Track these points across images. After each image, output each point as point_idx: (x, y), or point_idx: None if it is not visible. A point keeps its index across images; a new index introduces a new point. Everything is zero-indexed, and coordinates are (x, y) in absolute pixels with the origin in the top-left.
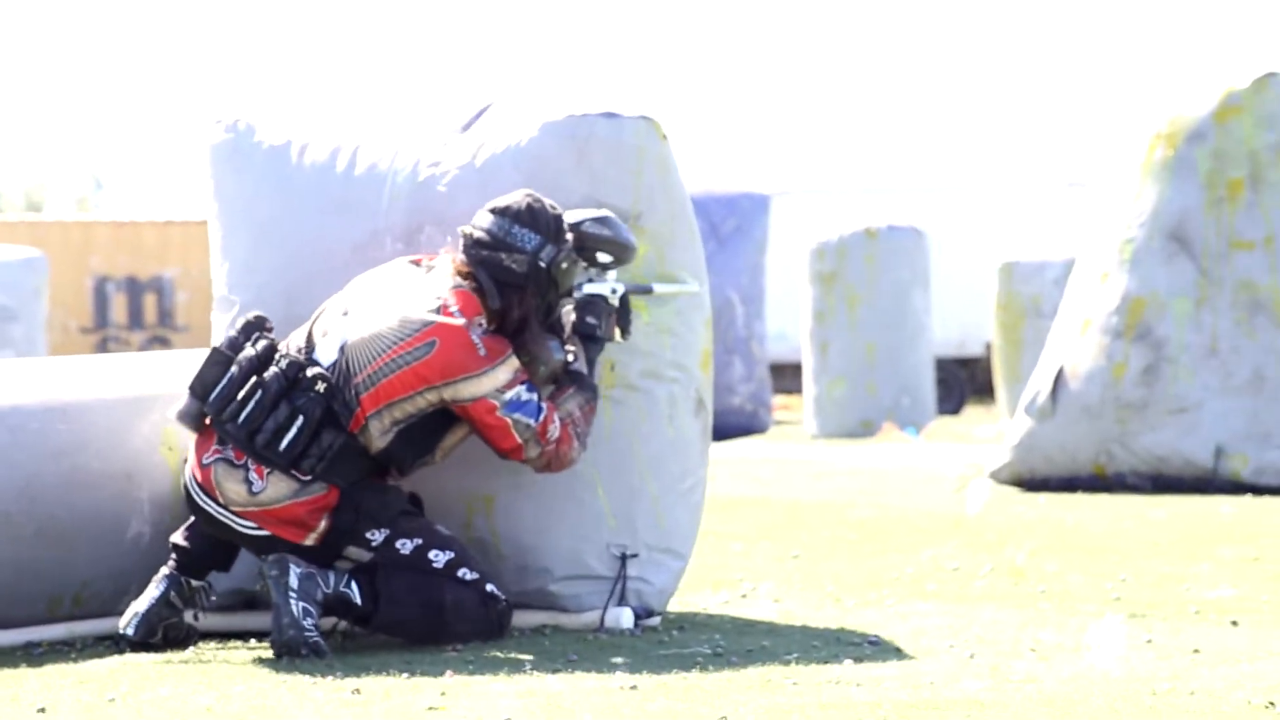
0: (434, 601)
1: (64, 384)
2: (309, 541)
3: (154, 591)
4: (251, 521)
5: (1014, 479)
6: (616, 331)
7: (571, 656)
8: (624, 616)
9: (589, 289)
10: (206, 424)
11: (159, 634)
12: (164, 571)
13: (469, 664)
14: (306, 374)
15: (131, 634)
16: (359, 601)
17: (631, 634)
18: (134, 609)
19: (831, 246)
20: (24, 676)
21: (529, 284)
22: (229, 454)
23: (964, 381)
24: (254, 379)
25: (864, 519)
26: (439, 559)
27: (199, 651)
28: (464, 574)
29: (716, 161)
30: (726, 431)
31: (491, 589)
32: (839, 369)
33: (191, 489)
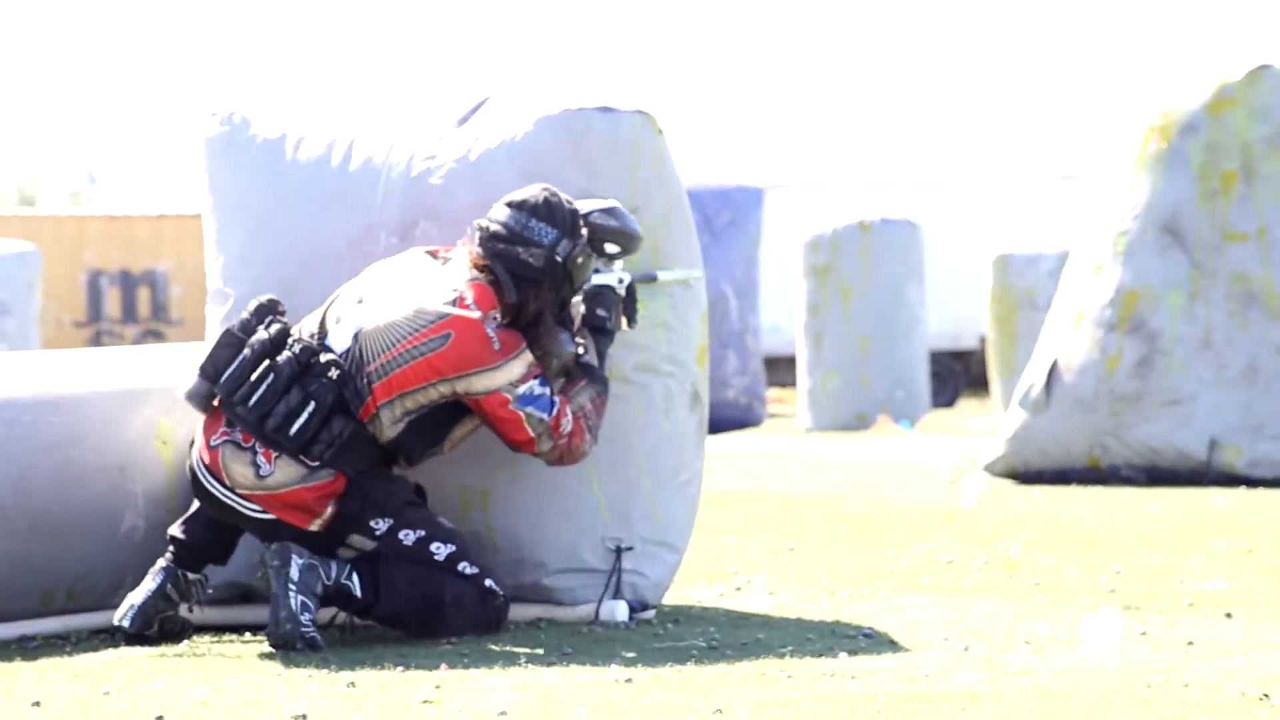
0: (434, 595)
1: (58, 377)
2: (314, 527)
3: (150, 584)
4: (257, 505)
5: (1008, 472)
6: (623, 321)
7: (566, 649)
8: (619, 609)
9: (597, 280)
10: (214, 405)
11: (155, 626)
12: (160, 564)
13: (464, 657)
14: (319, 360)
15: (127, 626)
16: (359, 594)
17: (626, 627)
18: (130, 601)
19: (826, 239)
20: (18, 670)
21: (545, 278)
22: (237, 436)
23: (958, 374)
24: (266, 362)
25: (858, 512)
26: (441, 551)
27: (194, 645)
28: (464, 568)
29: (711, 155)
30: (721, 425)
31: (490, 584)
32: (833, 362)
33: (198, 470)
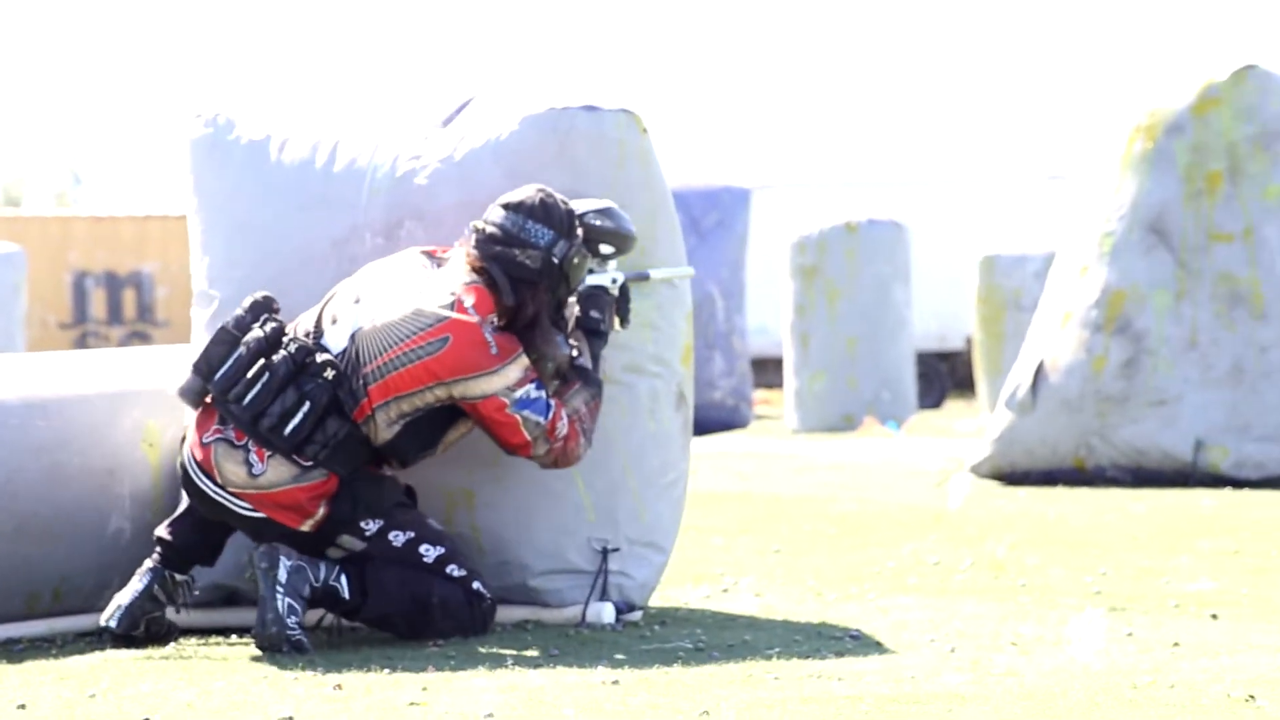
0: (422, 597)
1: (44, 380)
2: (305, 527)
3: (137, 585)
4: (248, 503)
5: (995, 473)
6: (616, 321)
7: (553, 651)
8: (605, 611)
9: (591, 281)
10: (207, 402)
11: (141, 627)
12: (148, 565)
13: (450, 659)
14: (315, 359)
15: (114, 626)
16: (347, 595)
17: (613, 628)
18: (117, 602)
19: (812, 240)
20: (4, 673)
21: (542, 280)
22: (230, 434)
23: (945, 375)
24: (262, 361)
25: (845, 513)
26: (430, 553)
27: (179, 647)
28: (453, 570)
29: (697, 155)
30: (707, 426)
31: (478, 586)
32: (820, 363)
33: (189, 467)
